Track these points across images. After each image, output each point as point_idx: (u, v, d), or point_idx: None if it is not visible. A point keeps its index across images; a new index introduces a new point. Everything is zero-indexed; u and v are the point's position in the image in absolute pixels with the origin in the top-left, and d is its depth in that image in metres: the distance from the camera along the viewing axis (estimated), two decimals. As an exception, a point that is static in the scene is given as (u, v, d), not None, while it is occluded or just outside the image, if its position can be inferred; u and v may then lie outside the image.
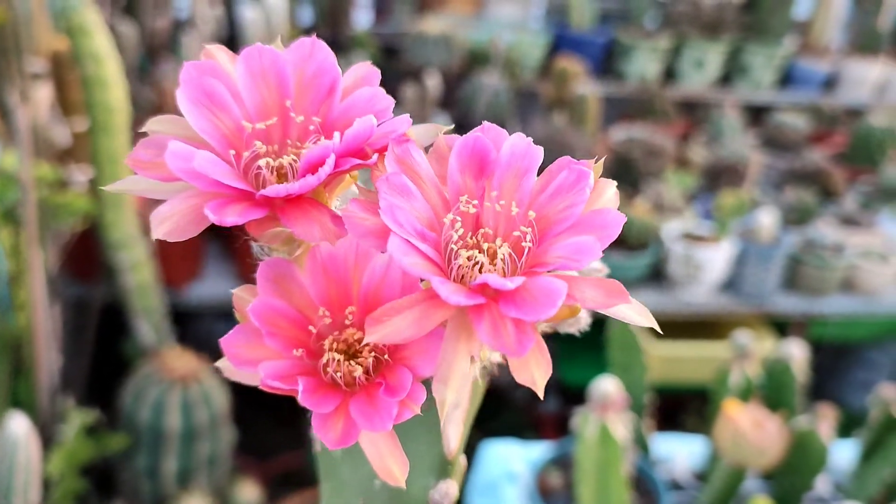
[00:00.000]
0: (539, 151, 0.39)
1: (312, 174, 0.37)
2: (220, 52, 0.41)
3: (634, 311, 0.39)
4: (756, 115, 3.42)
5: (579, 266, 0.35)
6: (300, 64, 0.41)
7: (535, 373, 0.37)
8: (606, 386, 1.15)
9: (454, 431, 0.41)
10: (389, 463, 0.37)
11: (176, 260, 2.10)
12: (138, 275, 1.92)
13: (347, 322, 0.39)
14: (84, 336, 2.06)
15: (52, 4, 1.81)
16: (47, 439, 1.71)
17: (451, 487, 0.45)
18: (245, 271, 1.88)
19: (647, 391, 1.53)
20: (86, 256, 2.02)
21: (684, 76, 3.43)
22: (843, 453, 1.64)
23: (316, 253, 0.38)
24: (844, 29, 3.95)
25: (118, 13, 2.47)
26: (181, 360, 1.89)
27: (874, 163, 3.02)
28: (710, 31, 3.34)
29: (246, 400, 2.16)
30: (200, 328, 2.49)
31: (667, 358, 2.33)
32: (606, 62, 3.43)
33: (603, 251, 0.36)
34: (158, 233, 0.35)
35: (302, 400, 0.35)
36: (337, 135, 0.37)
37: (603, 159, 0.40)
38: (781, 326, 2.53)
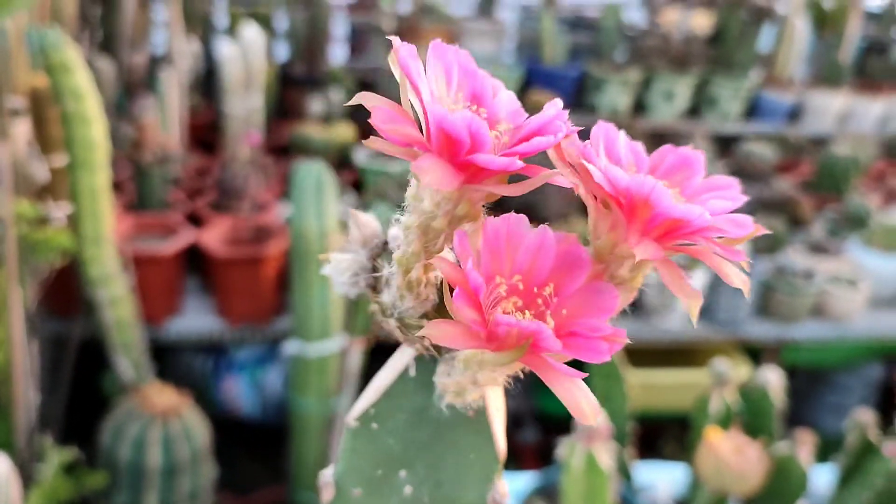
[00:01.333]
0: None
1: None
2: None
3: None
4: (725, 145, 3.49)
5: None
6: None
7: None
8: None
9: (501, 432, 0.46)
10: (583, 404, 0.38)
11: (155, 295, 2.09)
12: (117, 310, 1.91)
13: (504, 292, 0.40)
14: (62, 373, 2.04)
15: (30, 42, 1.82)
16: (25, 479, 1.69)
17: (504, 486, 0.47)
18: (224, 307, 1.88)
19: (629, 420, 1.55)
20: (64, 292, 2.01)
21: (654, 108, 3.50)
22: (822, 478, 1.67)
23: (487, 226, 0.40)
24: (807, 61, 4.05)
25: (95, 49, 2.48)
26: (161, 396, 1.88)
27: (840, 191, 3.09)
28: (678, 65, 3.42)
29: (226, 435, 2.15)
30: (180, 363, 2.48)
31: (645, 385, 2.36)
32: (578, 95, 3.49)
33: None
34: (426, 181, 0.38)
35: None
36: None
37: None
38: (755, 352, 2.57)
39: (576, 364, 0.38)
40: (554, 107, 0.41)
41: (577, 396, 0.38)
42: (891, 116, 3.76)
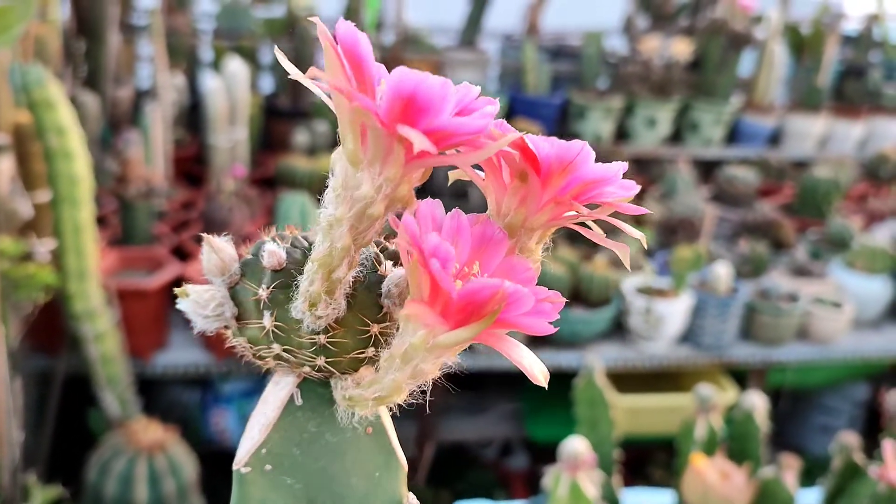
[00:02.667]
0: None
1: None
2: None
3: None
4: (707, 170, 3.53)
5: None
6: None
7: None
8: (576, 445, 1.18)
9: (396, 440, 0.47)
10: (535, 367, 0.39)
11: (141, 329, 2.09)
12: (102, 345, 1.91)
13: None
14: (47, 409, 2.03)
15: (13, 79, 1.83)
16: (10, 517, 1.68)
17: (413, 498, 0.47)
18: (211, 340, 1.87)
19: (615, 447, 1.55)
20: (49, 328, 2.00)
21: (637, 135, 3.53)
22: (808, 501, 1.67)
23: (419, 209, 0.40)
24: (786, 86, 4.10)
25: (79, 84, 2.50)
26: (147, 431, 1.88)
27: (821, 213, 3.12)
28: (659, 91, 3.46)
29: (214, 467, 2.14)
30: (167, 396, 2.47)
31: (632, 410, 2.36)
32: (561, 123, 3.52)
33: (567, 307, 0.39)
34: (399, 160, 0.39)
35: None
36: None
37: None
38: (741, 375, 2.58)
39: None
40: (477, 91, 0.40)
41: (529, 360, 0.39)
42: (869, 139, 3.81)
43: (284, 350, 0.44)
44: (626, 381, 2.45)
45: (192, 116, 3.00)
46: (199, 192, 2.74)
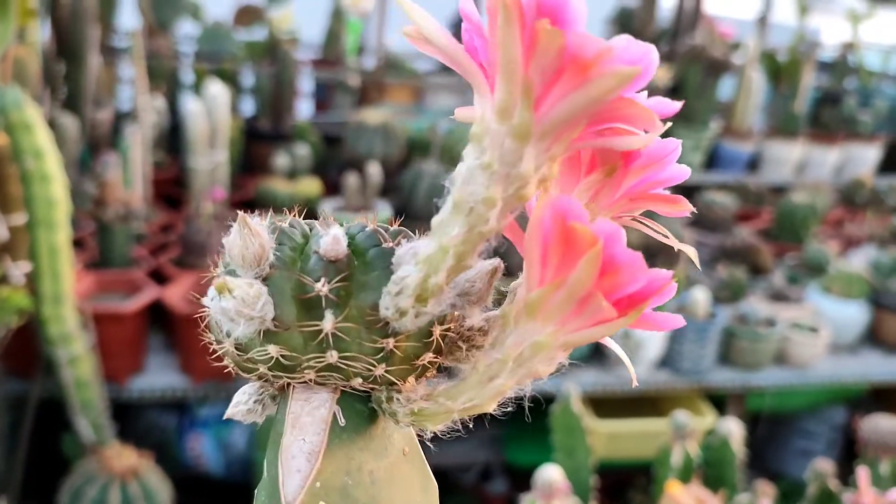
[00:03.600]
0: None
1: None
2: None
3: None
4: (686, 194, 3.50)
5: None
6: None
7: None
8: (550, 473, 1.18)
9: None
10: (632, 367, 0.39)
11: (118, 353, 2.07)
12: (77, 370, 1.89)
13: None
14: (20, 434, 2.01)
15: (-9, 101, 1.82)
16: (-20, 545, 1.65)
17: None
18: (188, 364, 1.86)
19: (593, 473, 1.55)
20: (23, 352, 1.99)
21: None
22: (784, 526, 1.68)
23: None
24: (763, 112, 4.15)
25: (58, 106, 2.49)
26: (121, 457, 1.86)
27: (799, 238, 3.14)
28: (639, 117, 3.49)
29: (190, 493, 2.12)
30: (143, 420, 2.44)
31: (611, 435, 2.36)
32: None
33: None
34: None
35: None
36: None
37: None
38: (719, 399, 2.59)
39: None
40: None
41: (628, 359, 0.40)
42: (845, 165, 3.86)
43: (342, 359, 0.37)
44: (606, 405, 2.45)
45: (172, 139, 3.00)
46: (178, 214, 2.73)
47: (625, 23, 3.86)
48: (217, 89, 2.67)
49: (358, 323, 0.36)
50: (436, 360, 0.38)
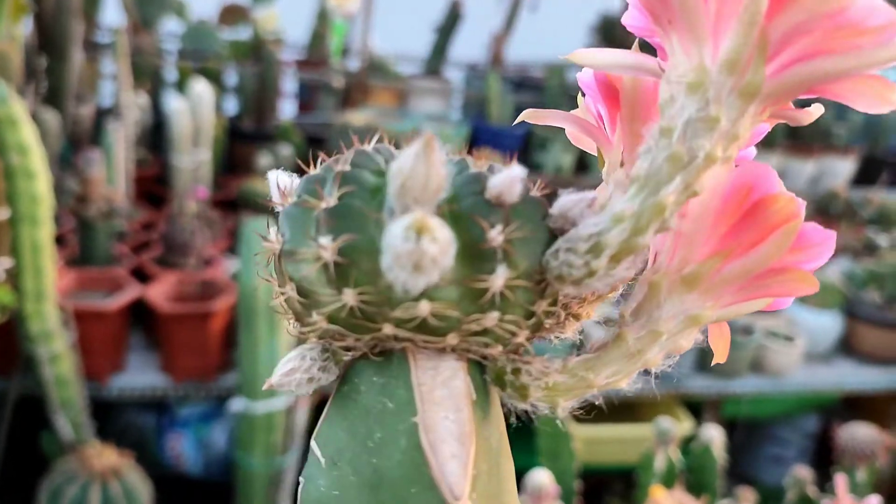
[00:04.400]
0: None
1: None
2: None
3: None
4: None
5: None
6: None
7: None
8: (540, 477, 1.19)
9: None
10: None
11: (98, 351, 2.06)
12: (57, 368, 1.88)
13: None
14: (-2, 432, 1.99)
15: (-25, 96, 1.81)
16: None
17: None
18: (169, 363, 1.85)
19: (576, 478, 1.56)
20: (2, 349, 1.97)
21: (596, 167, 3.58)
22: (762, 532, 1.70)
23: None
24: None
25: (41, 101, 2.47)
26: (102, 456, 1.84)
27: (776, 248, 3.19)
28: (620, 125, 3.51)
29: (170, 493, 2.11)
30: (122, 421, 2.43)
31: (590, 440, 2.38)
32: (523, 154, 3.56)
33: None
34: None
35: None
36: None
37: None
38: (696, 406, 2.62)
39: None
40: None
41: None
42: (821, 176, 3.92)
43: (503, 321, 0.32)
44: (586, 411, 2.47)
45: (155, 137, 2.98)
46: (160, 213, 2.72)
47: (608, 31, 3.89)
48: (202, 88, 2.67)
49: (527, 281, 0.32)
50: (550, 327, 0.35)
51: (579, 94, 0.39)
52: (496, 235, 0.30)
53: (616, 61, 0.34)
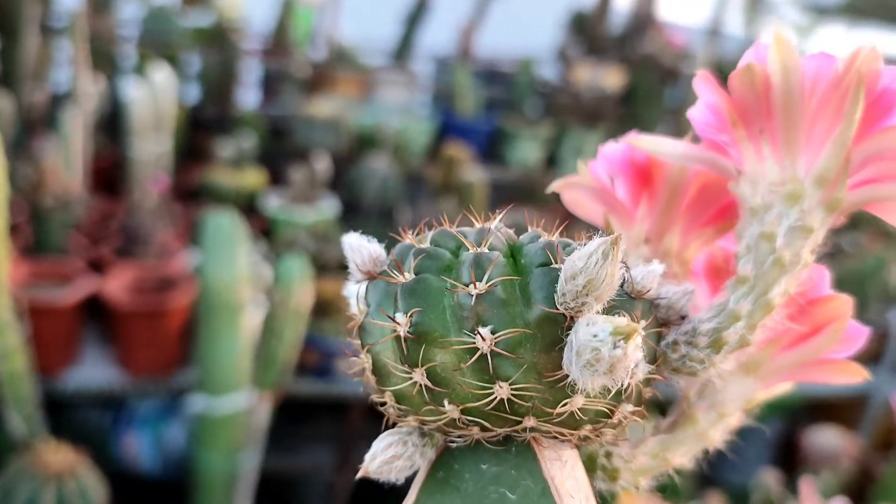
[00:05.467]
0: None
1: None
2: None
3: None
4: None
5: None
6: None
7: None
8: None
9: None
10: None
11: (51, 346, 1.99)
12: (10, 363, 1.80)
13: None
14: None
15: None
16: None
17: None
18: (125, 358, 1.78)
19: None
20: (-50, 343, 1.89)
21: (565, 163, 3.57)
22: (730, 536, 1.69)
23: None
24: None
25: (-7, 86, 2.38)
26: (56, 455, 1.78)
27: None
28: (589, 121, 3.50)
29: (125, 493, 2.05)
30: (77, 417, 2.35)
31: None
32: (491, 148, 3.53)
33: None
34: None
35: None
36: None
37: None
38: (664, 407, 2.61)
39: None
40: None
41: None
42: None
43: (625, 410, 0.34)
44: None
45: (114, 124, 2.89)
46: (118, 203, 2.64)
47: (579, 26, 3.87)
48: (162, 75, 2.59)
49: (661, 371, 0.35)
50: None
51: (579, 161, 0.43)
52: (641, 329, 0.31)
53: (687, 154, 0.40)
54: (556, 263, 0.32)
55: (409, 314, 0.31)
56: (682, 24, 4.21)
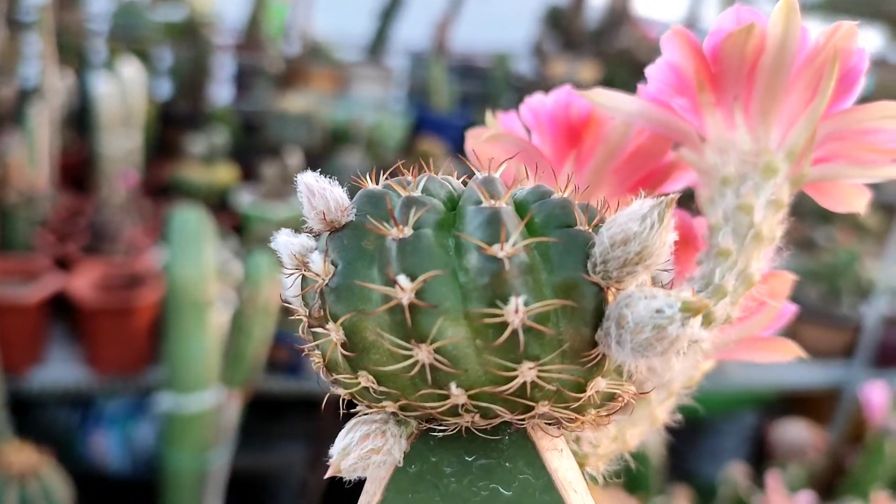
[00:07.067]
0: None
1: None
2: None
3: None
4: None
5: None
6: None
7: None
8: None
9: None
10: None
11: (16, 343, 1.96)
12: (-28, 362, 1.78)
13: None
14: None
15: None
16: None
17: None
18: (93, 356, 1.75)
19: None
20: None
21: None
22: (699, 530, 1.69)
23: None
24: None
25: (-43, 80, 2.34)
26: (19, 455, 1.75)
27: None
28: (563, 116, 3.49)
29: (92, 493, 2.03)
30: (42, 417, 2.32)
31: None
32: (465, 143, 3.51)
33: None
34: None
35: None
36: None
37: None
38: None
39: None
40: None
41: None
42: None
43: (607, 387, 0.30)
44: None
45: (81, 122, 2.85)
46: (86, 199, 2.60)
47: (555, 21, 3.86)
48: (132, 69, 2.55)
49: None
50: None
51: (489, 112, 0.42)
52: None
53: (643, 113, 0.37)
54: (580, 225, 0.28)
55: (419, 278, 0.26)
56: (657, 19, 4.21)
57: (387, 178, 0.31)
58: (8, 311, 1.92)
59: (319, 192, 0.29)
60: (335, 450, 0.29)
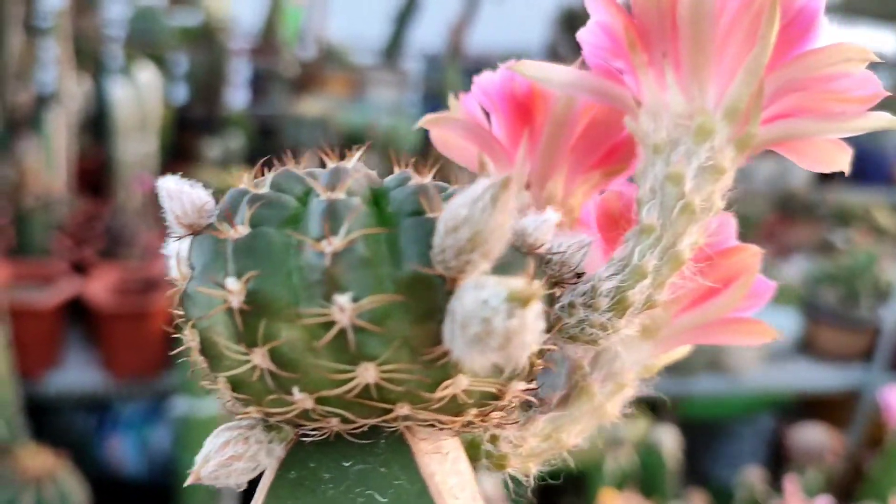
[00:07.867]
0: None
1: None
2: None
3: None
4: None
5: None
6: None
7: None
8: (484, 486, 1.14)
9: None
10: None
11: (33, 347, 1.97)
12: (-10, 366, 1.79)
13: None
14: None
15: None
16: None
17: None
18: (109, 360, 1.76)
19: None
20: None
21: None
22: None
23: None
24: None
25: (-25, 86, 2.36)
26: (36, 459, 1.76)
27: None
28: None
29: (109, 497, 2.04)
30: (58, 421, 2.33)
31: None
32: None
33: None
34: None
35: None
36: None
37: None
38: (653, 403, 2.60)
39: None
40: None
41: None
42: (779, 175, 3.92)
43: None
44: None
45: (98, 127, 2.87)
46: (103, 204, 2.62)
47: (569, 23, 3.85)
48: (148, 74, 2.57)
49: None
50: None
51: (451, 94, 0.38)
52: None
53: (576, 83, 0.34)
54: (432, 212, 0.26)
55: (243, 279, 0.25)
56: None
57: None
58: (25, 316, 1.93)
59: (176, 195, 0.28)
60: (198, 457, 0.28)
